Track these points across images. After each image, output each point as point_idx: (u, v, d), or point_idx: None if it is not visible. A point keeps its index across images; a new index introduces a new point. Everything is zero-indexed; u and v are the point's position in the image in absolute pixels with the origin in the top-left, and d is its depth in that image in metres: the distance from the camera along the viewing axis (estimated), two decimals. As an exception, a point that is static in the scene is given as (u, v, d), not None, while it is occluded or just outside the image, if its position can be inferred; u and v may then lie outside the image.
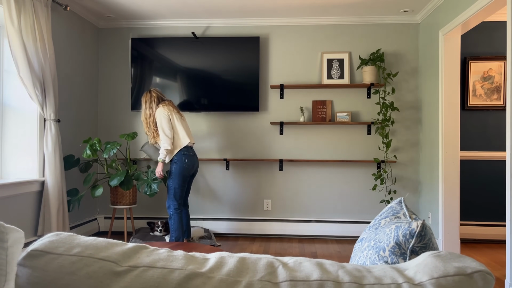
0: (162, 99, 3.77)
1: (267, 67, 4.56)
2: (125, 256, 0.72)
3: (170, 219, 3.68)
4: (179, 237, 3.66)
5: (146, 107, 3.74)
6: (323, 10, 4.24)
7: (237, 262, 0.73)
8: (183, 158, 3.63)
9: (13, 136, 3.53)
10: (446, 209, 3.73)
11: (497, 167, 4.35)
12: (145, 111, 3.74)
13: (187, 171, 3.66)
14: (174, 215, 3.66)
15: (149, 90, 3.79)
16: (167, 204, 3.71)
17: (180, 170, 3.62)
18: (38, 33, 3.35)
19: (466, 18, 3.28)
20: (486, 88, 4.35)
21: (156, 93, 3.75)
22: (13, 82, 3.49)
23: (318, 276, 0.70)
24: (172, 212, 3.66)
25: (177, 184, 3.64)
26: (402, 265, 0.76)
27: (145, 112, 3.74)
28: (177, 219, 3.66)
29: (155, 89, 3.79)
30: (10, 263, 0.85)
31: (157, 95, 3.74)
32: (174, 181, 3.64)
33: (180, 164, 3.62)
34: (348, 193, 4.50)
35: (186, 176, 3.67)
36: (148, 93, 3.76)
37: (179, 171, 3.62)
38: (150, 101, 3.72)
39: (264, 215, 4.57)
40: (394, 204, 1.14)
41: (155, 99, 3.72)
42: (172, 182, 3.64)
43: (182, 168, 3.62)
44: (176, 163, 3.63)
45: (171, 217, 3.66)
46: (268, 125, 4.55)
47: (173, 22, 4.59)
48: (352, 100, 4.49)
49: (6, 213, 3.18)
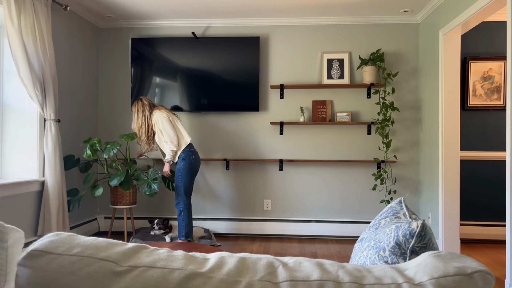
0: (154, 105, 3.86)
1: (267, 67, 4.56)
2: (125, 256, 0.72)
3: (180, 215, 3.75)
4: (189, 233, 3.75)
5: (138, 116, 3.78)
6: (323, 10, 4.24)
7: (237, 262, 0.73)
8: (190, 154, 3.73)
9: (13, 136, 3.53)
10: (446, 209, 3.73)
11: (497, 167, 4.35)
12: (137, 120, 3.78)
13: (195, 167, 3.76)
14: (184, 210, 3.74)
15: (139, 99, 3.86)
16: (175, 201, 3.78)
17: (189, 166, 3.71)
18: (38, 33, 3.35)
19: (466, 18, 3.28)
20: (486, 88, 4.35)
21: (147, 101, 3.85)
22: (13, 82, 3.49)
23: (318, 276, 0.70)
24: (183, 208, 3.74)
25: (187, 179, 3.72)
26: (402, 265, 0.76)
27: (137, 121, 3.78)
28: (188, 215, 3.74)
29: (145, 97, 3.90)
30: (10, 263, 0.85)
31: (148, 102, 3.84)
32: (183, 178, 3.71)
33: (188, 160, 3.71)
34: (348, 193, 4.50)
35: (194, 171, 3.78)
36: (140, 101, 3.82)
37: (188, 167, 3.70)
38: (142, 109, 3.78)
39: (264, 215, 4.57)
40: (394, 204, 1.14)
41: (147, 107, 3.79)
42: (181, 179, 3.71)
43: (191, 164, 3.72)
44: (184, 159, 3.71)
45: (182, 213, 3.74)
46: (268, 125, 4.55)
47: (173, 22, 4.59)
48: (352, 100, 4.49)
49: (6, 213, 3.18)
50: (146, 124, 3.76)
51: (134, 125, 3.84)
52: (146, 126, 3.76)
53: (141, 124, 3.77)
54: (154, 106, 3.85)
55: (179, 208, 3.74)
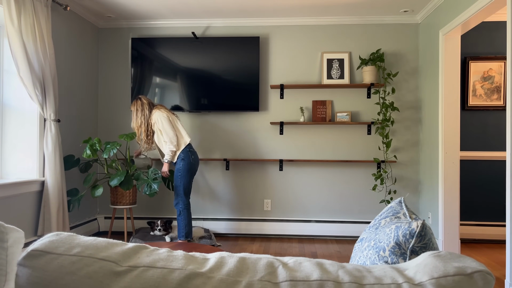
0: (153, 104, 3.86)
1: (267, 67, 4.56)
2: (125, 256, 0.72)
3: (179, 216, 3.75)
4: (189, 233, 3.75)
5: (137, 115, 3.78)
6: (323, 10, 4.24)
7: (237, 262, 0.73)
8: (189, 154, 3.73)
9: (13, 136, 3.53)
10: (446, 209, 3.73)
11: (497, 167, 4.35)
12: (137, 119, 3.78)
13: (194, 167, 3.77)
14: (184, 211, 3.74)
15: (138, 98, 3.85)
16: (174, 201, 3.78)
17: (188, 166, 3.71)
18: (38, 33, 3.35)
19: (466, 18, 3.28)
20: (486, 88, 4.35)
21: (146, 100, 3.85)
22: (13, 82, 3.49)
23: (318, 276, 0.70)
24: (182, 208, 3.74)
25: (186, 179, 3.72)
26: (402, 265, 0.76)
27: (137, 120, 3.78)
28: (187, 215, 3.74)
29: (144, 96, 3.89)
30: (10, 263, 0.85)
31: (147, 101, 3.83)
32: (183, 178, 3.71)
33: (188, 160, 3.71)
34: (348, 193, 4.50)
35: (193, 171, 3.78)
36: (139, 101, 3.82)
37: (187, 167, 3.71)
38: (142, 108, 3.77)
39: (264, 215, 4.57)
40: (394, 204, 1.14)
41: (147, 106, 3.79)
42: (181, 179, 3.72)
43: (190, 164, 3.72)
44: (183, 159, 3.71)
45: (181, 214, 3.74)
46: (268, 125, 4.55)
47: (173, 22, 4.59)
48: (352, 100, 4.49)
49: (6, 213, 3.18)
50: (145, 123, 3.76)
51: (133, 124, 3.84)
52: (145, 125, 3.77)
53: (140, 123, 3.76)
54: (153, 105, 3.85)
55: (179, 208, 3.74)
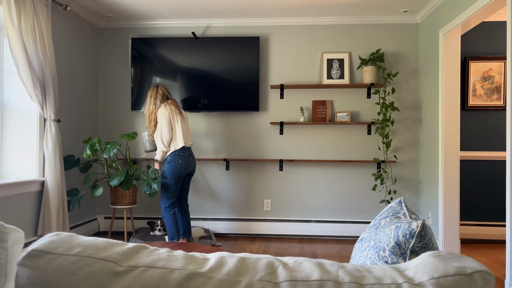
0: (167, 97, 3.78)
1: (267, 67, 4.56)
2: (125, 256, 0.72)
3: (163, 218, 3.73)
4: (173, 235, 3.70)
5: (150, 102, 3.77)
6: (323, 10, 4.24)
7: (237, 262, 0.73)
8: (177, 158, 3.66)
9: (13, 136, 3.53)
10: (446, 209, 3.73)
11: (497, 167, 4.35)
12: (149, 106, 3.77)
13: (179, 172, 3.68)
14: (165, 213, 3.71)
15: (156, 85, 3.82)
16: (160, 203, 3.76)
17: (172, 170, 3.65)
18: (38, 33, 3.35)
19: (466, 18, 3.28)
20: (486, 88, 4.35)
21: (162, 90, 3.77)
22: (13, 82, 3.49)
23: (318, 276, 0.70)
24: (163, 210, 3.72)
25: (169, 183, 3.67)
26: (402, 265, 0.76)
27: (148, 106, 3.77)
28: (169, 217, 3.69)
29: (162, 86, 3.82)
30: (10, 263, 0.85)
31: (163, 92, 3.77)
32: (166, 180, 3.68)
33: (174, 164, 3.65)
34: (348, 193, 4.50)
35: (179, 176, 3.70)
36: (155, 88, 3.79)
37: (171, 171, 3.65)
38: (155, 97, 3.75)
39: (264, 215, 4.57)
40: (394, 204, 1.14)
41: (160, 96, 3.74)
42: (164, 181, 3.69)
43: (175, 168, 3.65)
44: (169, 163, 3.67)
45: (163, 216, 3.72)
46: (268, 125, 4.55)
47: (173, 22, 4.59)
48: (352, 100, 4.49)
49: (6, 213, 3.18)
50: (154, 113, 3.76)
51: (145, 110, 3.82)
52: (154, 115, 3.76)
53: (151, 111, 3.74)
54: (167, 98, 3.77)
55: (161, 210, 3.73)
